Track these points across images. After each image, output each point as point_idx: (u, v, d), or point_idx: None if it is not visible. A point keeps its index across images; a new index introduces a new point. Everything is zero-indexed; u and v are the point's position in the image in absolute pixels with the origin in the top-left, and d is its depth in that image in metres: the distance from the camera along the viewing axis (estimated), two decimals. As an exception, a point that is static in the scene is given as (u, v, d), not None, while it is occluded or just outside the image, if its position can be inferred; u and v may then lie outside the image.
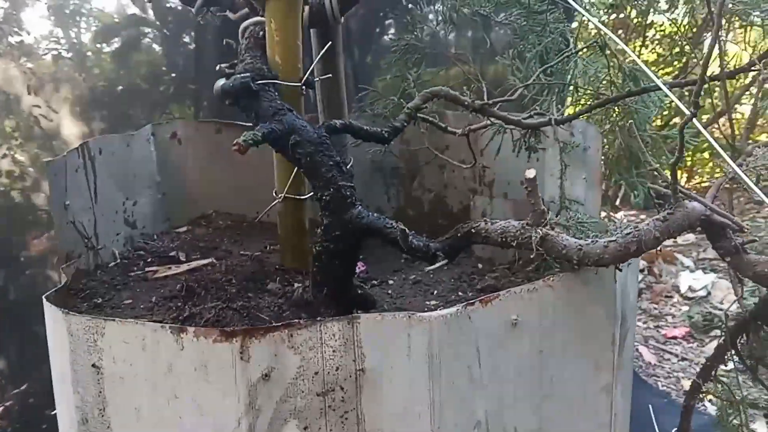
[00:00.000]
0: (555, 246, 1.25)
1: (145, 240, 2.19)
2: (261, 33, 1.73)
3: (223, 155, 2.42)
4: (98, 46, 3.46)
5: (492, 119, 1.85)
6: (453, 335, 1.11)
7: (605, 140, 2.16)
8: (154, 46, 3.66)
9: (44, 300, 1.28)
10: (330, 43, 1.81)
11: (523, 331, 1.20)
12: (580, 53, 2.01)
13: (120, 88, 3.48)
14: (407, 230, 1.36)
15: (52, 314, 1.25)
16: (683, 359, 4.27)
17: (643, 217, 6.39)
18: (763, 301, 1.34)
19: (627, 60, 2.18)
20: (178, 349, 1.08)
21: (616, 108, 2.01)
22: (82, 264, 1.75)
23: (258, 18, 1.74)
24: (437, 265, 1.43)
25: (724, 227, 1.18)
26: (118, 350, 1.13)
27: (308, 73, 1.72)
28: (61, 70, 3.37)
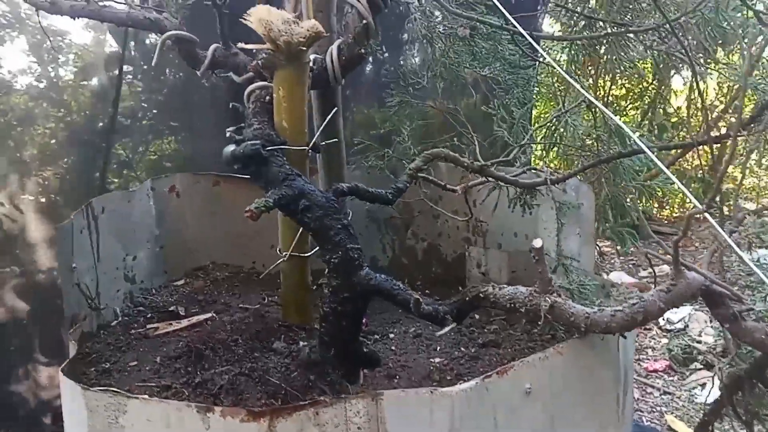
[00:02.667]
0: (563, 314, 1.30)
1: (144, 295, 2.19)
2: (267, 97, 1.77)
3: (220, 207, 2.45)
4: (79, 82, 3.46)
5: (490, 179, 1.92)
6: (473, 408, 1.15)
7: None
8: (135, 81, 3.68)
9: (61, 374, 1.28)
10: (336, 109, 1.87)
11: (535, 399, 1.25)
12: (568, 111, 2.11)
13: (101, 125, 3.49)
14: (420, 299, 1.40)
15: (69, 389, 1.26)
16: (665, 393, 4.34)
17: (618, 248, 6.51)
18: (758, 363, 1.40)
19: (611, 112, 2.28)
20: (203, 428, 1.09)
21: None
22: (86, 326, 1.74)
23: (264, 83, 1.79)
24: (446, 329, 1.47)
25: (723, 296, 1.24)
26: (140, 428, 1.14)
27: (315, 137, 1.76)
28: (39, 105, 3.36)
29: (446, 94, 2.68)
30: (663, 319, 5.31)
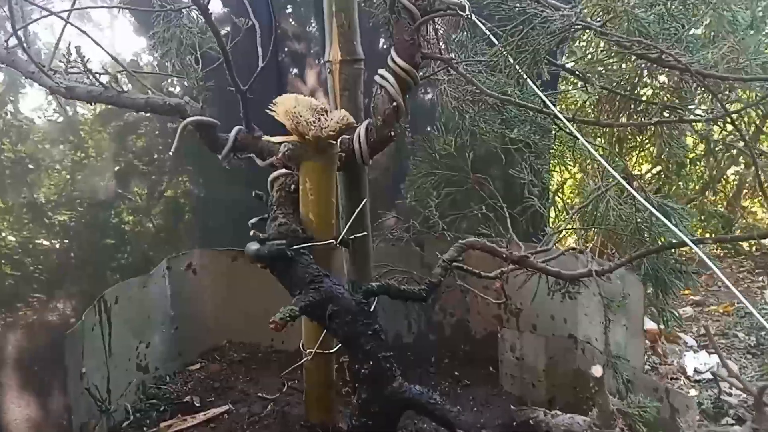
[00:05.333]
0: (628, 454, 1.16)
1: (158, 384, 2.06)
2: (292, 186, 1.66)
3: (237, 283, 2.32)
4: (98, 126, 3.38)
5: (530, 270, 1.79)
6: None
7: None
8: (151, 125, 3.61)
9: None
10: (365, 200, 1.76)
11: None
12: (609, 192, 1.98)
13: (117, 168, 3.41)
14: (466, 433, 1.27)
15: None
16: None
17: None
18: None
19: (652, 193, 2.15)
20: None
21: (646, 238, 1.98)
22: (96, 434, 1.62)
23: (287, 170, 1.68)
24: (491, 458, 1.33)
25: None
26: None
27: (343, 233, 1.65)
28: (56, 149, 3.30)
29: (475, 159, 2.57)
30: (691, 369, 5.09)
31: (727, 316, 4.27)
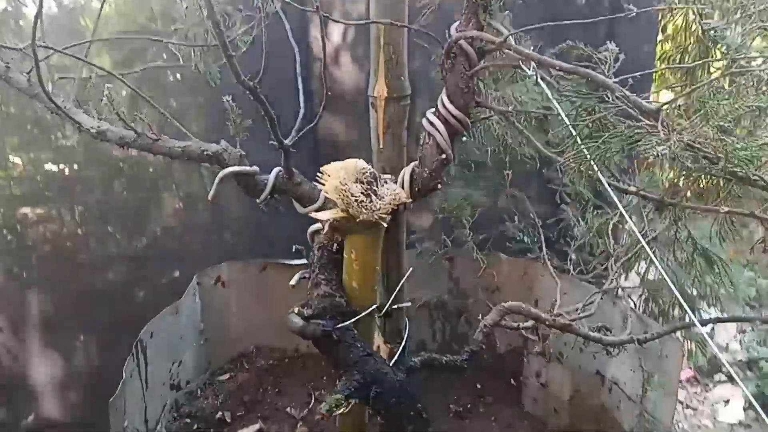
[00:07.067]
0: None
1: (189, 400, 2.11)
2: (334, 246, 1.60)
3: (265, 292, 2.31)
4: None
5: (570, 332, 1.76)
6: None
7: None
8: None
9: None
10: (411, 269, 1.70)
11: None
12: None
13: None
14: None
15: None
16: (687, 407, 4.19)
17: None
18: None
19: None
20: None
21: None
22: (138, 478, 1.67)
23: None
24: None
25: None
26: None
27: (387, 305, 1.61)
28: None
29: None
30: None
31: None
